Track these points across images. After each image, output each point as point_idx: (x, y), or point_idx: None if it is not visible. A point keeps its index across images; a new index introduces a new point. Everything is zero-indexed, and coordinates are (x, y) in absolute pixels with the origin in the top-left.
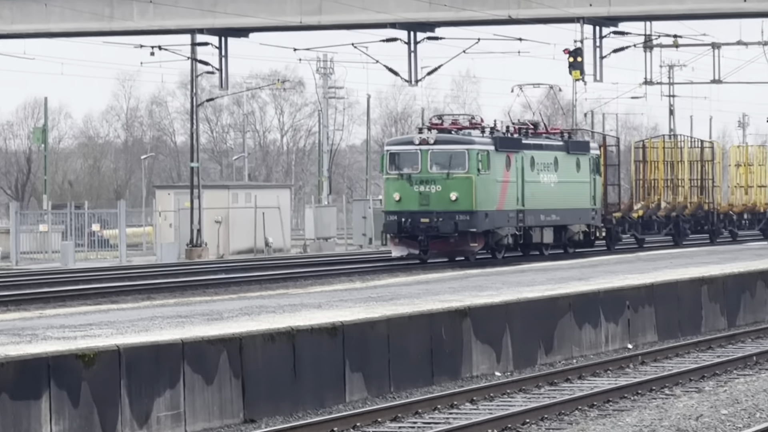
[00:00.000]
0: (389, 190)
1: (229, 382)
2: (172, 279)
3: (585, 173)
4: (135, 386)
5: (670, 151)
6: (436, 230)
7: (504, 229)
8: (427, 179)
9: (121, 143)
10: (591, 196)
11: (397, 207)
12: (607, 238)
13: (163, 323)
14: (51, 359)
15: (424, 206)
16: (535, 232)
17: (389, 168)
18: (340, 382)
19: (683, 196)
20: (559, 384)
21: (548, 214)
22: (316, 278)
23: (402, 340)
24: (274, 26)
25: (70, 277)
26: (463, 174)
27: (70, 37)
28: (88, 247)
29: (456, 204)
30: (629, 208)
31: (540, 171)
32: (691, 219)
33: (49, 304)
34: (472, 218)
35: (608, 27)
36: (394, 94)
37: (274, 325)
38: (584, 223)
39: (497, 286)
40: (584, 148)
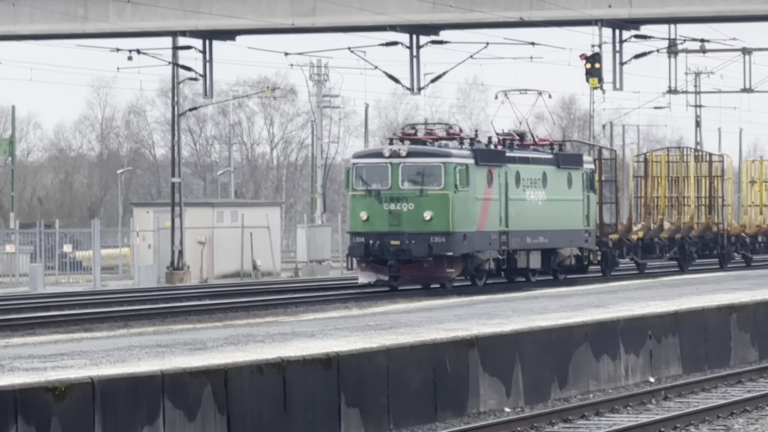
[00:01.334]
0: (355, 208)
1: (213, 418)
2: (151, 305)
3: (577, 190)
4: (110, 422)
5: (675, 165)
6: (408, 254)
7: (485, 253)
8: (398, 196)
9: (96, 156)
10: (584, 216)
11: (364, 227)
12: (603, 262)
13: (141, 353)
14: (18, 392)
15: (395, 227)
16: (520, 256)
17: (356, 184)
18: (335, 418)
19: (689, 215)
20: (574, 421)
21: (535, 236)
22: (308, 305)
23: (403, 373)
24: (264, 28)
25: (40, 303)
26: (439, 190)
27: (39, 39)
28: (59, 270)
29: (430, 224)
30: (628, 230)
31: (526, 187)
32: (698, 241)
33: (17, 332)
34: (448, 240)
35: (629, 30)
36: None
37: (262, 355)
38: (576, 246)
39: (507, 313)
40: (576, 162)
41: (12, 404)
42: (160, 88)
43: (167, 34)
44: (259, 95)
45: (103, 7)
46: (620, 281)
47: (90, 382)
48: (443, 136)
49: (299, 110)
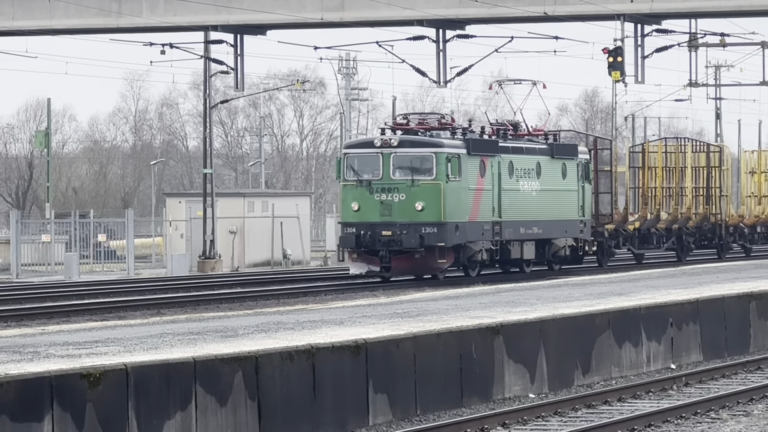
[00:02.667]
0: (346, 198)
1: (245, 403)
2: (183, 293)
3: (572, 180)
4: (143, 408)
5: (672, 156)
6: (399, 244)
7: (477, 244)
8: (390, 187)
9: (129, 148)
10: (579, 206)
11: (355, 218)
12: (599, 253)
13: (173, 340)
14: (54, 379)
15: (386, 217)
16: (514, 246)
17: (347, 174)
18: (363, 403)
19: (686, 206)
20: (597, 407)
21: (529, 226)
22: (337, 293)
23: (429, 359)
24: (294, 23)
25: (75, 291)
26: (431, 181)
27: (75, 34)
28: (93, 259)
29: (422, 215)
30: (624, 220)
31: (520, 177)
32: (695, 232)
33: (52, 319)
34: (440, 231)
35: (650, 25)
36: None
37: (292, 342)
38: (571, 237)
39: (531, 301)
40: (571, 152)
41: (48, 390)
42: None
43: (199, 29)
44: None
45: (137, 2)
46: (645, 269)
47: (124, 368)
48: (435, 126)
49: (328, 103)
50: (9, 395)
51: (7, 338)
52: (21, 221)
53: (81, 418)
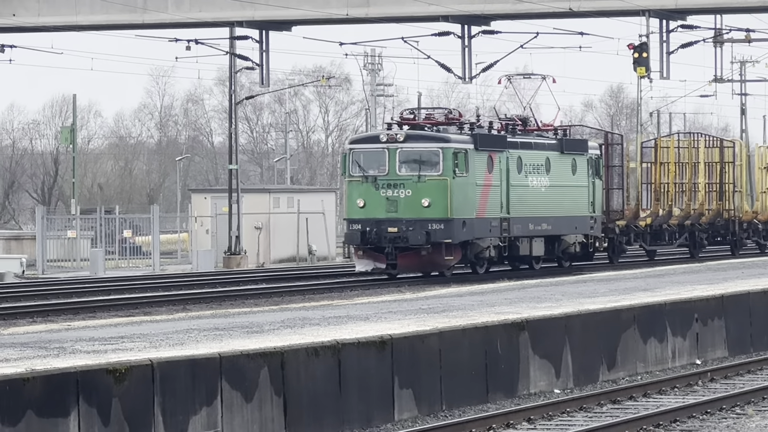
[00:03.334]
0: (352, 194)
1: (270, 399)
2: (208, 289)
3: (582, 176)
4: (169, 403)
5: (685, 151)
6: (405, 241)
7: (485, 240)
8: (396, 182)
9: (155, 144)
10: (589, 202)
11: (360, 214)
12: (610, 249)
13: (199, 336)
14: (80, 374)
15: (392, 213)
16: (522, 243)
17: (352, 170)
18: (389, 399)
19: (699, 201)
20: (622, 402)
21: (538, 222)
22: (363, 288)
23: (455, 355)
24: (319, 19)
25: (100, 287)
26: (437, 176)
27: (100, 30)
28: (119, 255)
29: (428, 211)
30: (635, 216)
31: (529, 173)
32: (708, 228)
33: (78, 315)
34: (446, 227)
35: (676, 20)
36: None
37: (318, 338)
38: (581, 233)
39: (557, 297)
40: (581, 148)
41: (74, 386)
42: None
43: (224, 25)
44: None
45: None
46: (665, 266)
47: (149, 364)
48: (442, 120)
49: (353, 98)
50: (35, 391)
51: (34, 334)
52: (47, 217)
53: (107, 413)
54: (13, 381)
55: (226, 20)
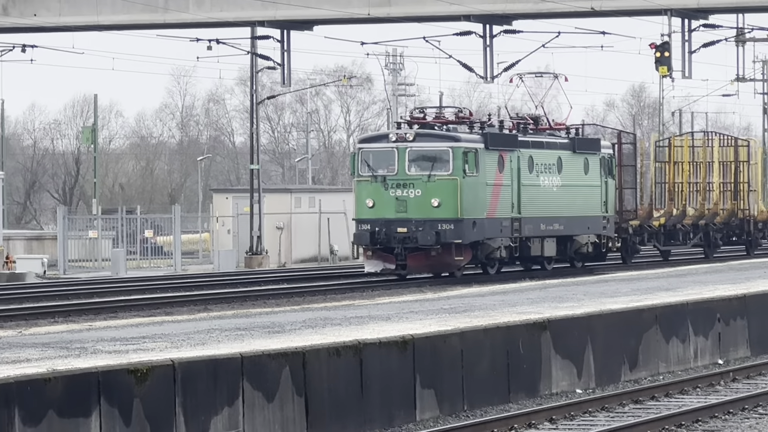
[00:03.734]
0: (361, 194)
1: (292, 399)
2: (230, 289)
3: (595, 175)
4: (191, 403)
5: (699, 150)
6: (415, 241)
7: (496, 240)
8: (405, 182)
9: (176, 144)
10: (602, 202)
11: (370, 214)
12: (623, 249)
13: (220, 336)
14: (101, 374)
15: (401, 213)
16: (534, 243)
17: (361, 169)
18: (410, 399)
19: (713, 201)
20: (644, 402)
21: (550, 222)
22: (384, 288)
23: (476, 355)
24: (340, 18)
25: (122, 287)
26: (447, 176)
27: (121, 30)
28: (140, 255)
29: (438, 211)
30: (648, 216)
31: (540, 173)
32: (723, 228)
33: (99, 315)
34: (456, 227)
35: (698, 20)
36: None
37: (339, 338)
38: (594, 233)
39: (578, 296)
40: (594, 147)
41: (95, 386)
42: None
43: (246, 24)
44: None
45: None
46: (686, 266)
47: (171, 364)
48: (452, 119)
49: (375, 98)
50: (56, 391)
51: (55, 334)
52: (68, 217)
53: (128, 413)
54: (35, 381)
55: (248, 20)
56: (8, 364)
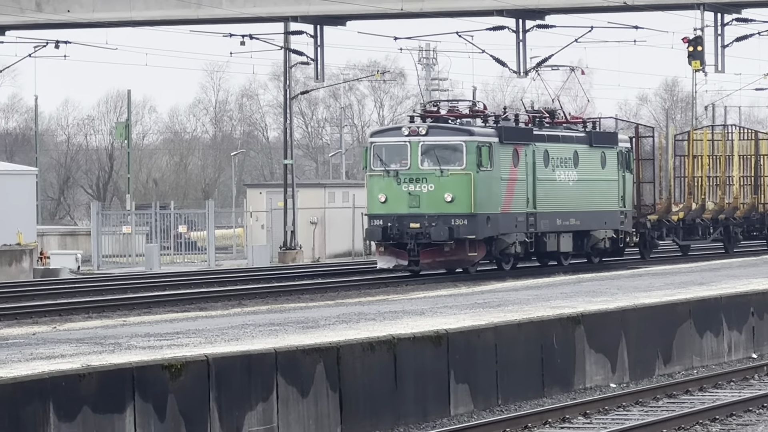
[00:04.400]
0: (373, 189)
1: (326, 394)
2: (264, 284)
3: (612, 169)
4: (225, 399)
5: (718, 144)
6: (428, 237)
7: (510, 236)
8: (418, 177)
9: (210, 139)
10: (619, 197)
11: (382, 210)
12: (641, 244)
13: (254, 331)
14: (135, 370)
15: (414, 208)
16: (549, 238)
17: (373, 164)
18: (445, 394)
19: (733, 195)
20: (678, 396)
21: (566, 217)
22: (418, 283)
23: (510, 350)
24: (373, 14)
25: (155, 282)
26: (461, 170)
27: (155, 25)
28: (174, 250)
29: (451, 206)
30: (667, 210)
31: (556, 167)
32: (743, 222)
33: (133, 311)
34: (470, 223)
35: (730, 14)
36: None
37: (373, 333)
38: (611, 228)
39: (612, 291)
40: (611, 141)
41: (129, 381)
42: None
43: (279, 20)
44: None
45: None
46: (719, 259)
47: (205, 359)
48: (466, 113)
49: (408, 93)
50: (91, 387)
51: (89, 330)
52: (102, 213)
53: (162, 409)
54: (69, 377)
55: (281, 15)
56: (43, 360)
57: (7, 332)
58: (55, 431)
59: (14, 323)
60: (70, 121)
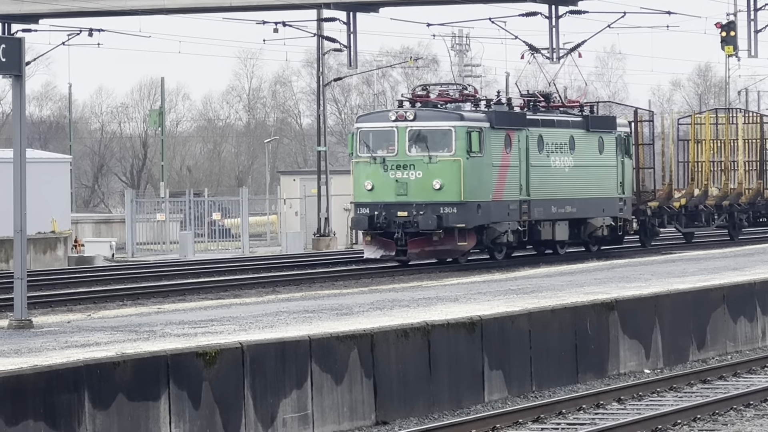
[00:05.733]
0: (359, 176)
1: (360, 381)
2: (298, 271)
3: (610, 155)
4: (259, 386)
5: (722, 128)
6: (416, 226)
7: (503, 225)
8: (405, 163)
9: (243, 126)
10: (618, 183)
11: (369, 197)
12: (641, 232)
13: (288, 318)
14: (170, 358)
15: (402, 196)
16: (544, 226)
17: (360, 150)
18: (479, 380)
19: (738, 181)
20: (712, 382)
21: (561, 205)
22: (452, 269)
23: (544, 336)
24: (406, 0)
25: (190, 270)
26: (449, 156)
27: (188, 13)
28: (208, 237)
29: (440, 194)
30: (668, 196)
31: (551, 153)
32: (748, 208)
33: (168, 298)
34: (460, 211)
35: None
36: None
37: (407, 320)
38: (609, 216)
39: (646, 276)
40: (609, 125)
41: (164, 369)
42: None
43: (312, 7)
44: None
45: None
46: (754, 245)
47: (239, 347)
48: (457, 97)
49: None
50: (126, 374)
51: (124, 317)
52: (136, 200)
53: (197, 396)
54: (104, 365)
55: (314, 2)
56: (78, 348)
57: (42, 320)
58: (90, 419)
59: (49, 311)
60: (103, 108)
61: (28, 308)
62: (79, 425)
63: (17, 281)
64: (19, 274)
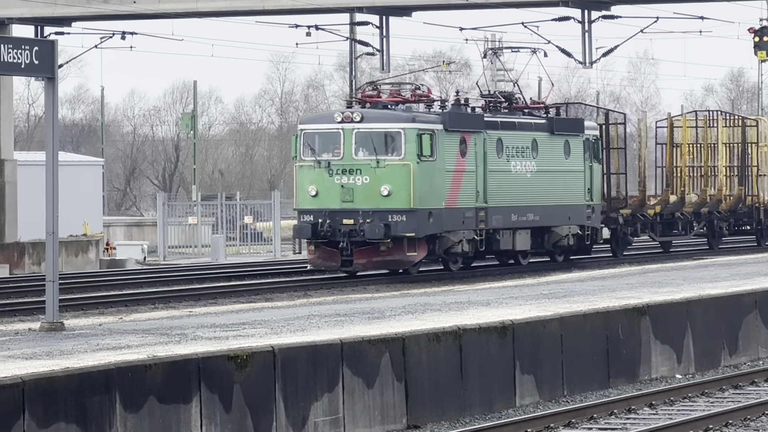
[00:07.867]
0: (303, 181)
1: (392, 385)
2: (329, 275)
3: (577, 159)
4: (291, 389)
5: (701, 131)
6: (362, 235)
7: (457, 234)
8: (352, 168)
9: (276, 129)
10: (586, 189)
11: (312, 204)
12: (613, 241)
13: (320, 322)
14: (201, 361)
15: (348, 203)
16: (503, 235)
17: (303, 153)
18: (510, 385)
19: (717, 187)
20: (744, 387)
21: (523, 212)
22: (484, 274)
23: (576, 340)
24: (439, 4)
25: (221, 273)
26: (398, 161)
27: (220, 17)
28: (240, 241)
29: (388, 200)
30: (641, 203)
31: (511, 157)
32: (729, 216)
33: (199, 301)
34: (409, 219)
35: None
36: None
37: (439, 324)
38: (576, 224)
39: (678, 281)
40: (576, 128)
41: (195, 372)
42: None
43: (345, 11)
44: (434, 69)
45: None
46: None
47: (271, 350)
48: (408, 98)
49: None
50: (157, 377)
51: (155, 320)
52: (168, 203)
53: (228, 399)
54: (136, 367)
55: (347, 6)
56: (109, 351)
57: (73, 323)
58: (122, 421)
59: (81, 314)
60: (136, 111)
61: (60, 311)
62: (110, 427)
63: (49, 284)
64: (51, 277)
